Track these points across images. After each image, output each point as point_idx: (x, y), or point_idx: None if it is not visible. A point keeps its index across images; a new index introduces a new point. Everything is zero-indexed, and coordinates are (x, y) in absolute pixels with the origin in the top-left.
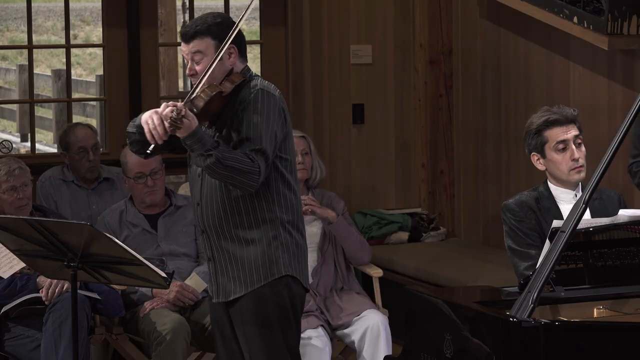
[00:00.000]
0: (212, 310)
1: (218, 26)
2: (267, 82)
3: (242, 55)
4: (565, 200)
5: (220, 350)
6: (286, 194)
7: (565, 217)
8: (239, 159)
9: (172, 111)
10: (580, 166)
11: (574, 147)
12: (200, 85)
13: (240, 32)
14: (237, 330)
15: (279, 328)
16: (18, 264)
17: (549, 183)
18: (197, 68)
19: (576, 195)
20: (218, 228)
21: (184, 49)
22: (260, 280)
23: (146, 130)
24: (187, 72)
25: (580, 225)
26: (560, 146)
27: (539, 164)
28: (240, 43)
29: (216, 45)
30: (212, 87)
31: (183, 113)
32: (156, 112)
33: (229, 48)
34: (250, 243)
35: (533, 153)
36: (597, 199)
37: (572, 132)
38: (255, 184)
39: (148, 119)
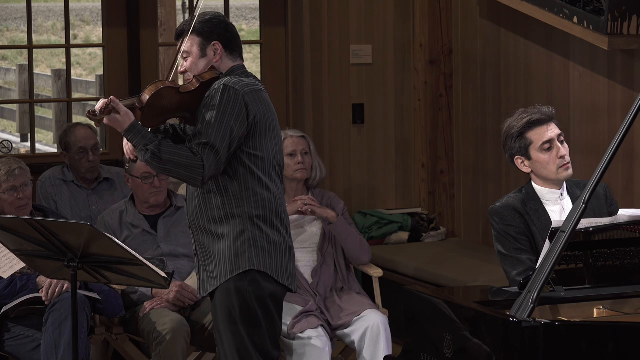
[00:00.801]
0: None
1: (205, 23)
2: (240, 78)
3: (232, 53)
4: (551, 200)
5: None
6: (256, 190)
7: (552, 218)
8: (179, 153)
9: (103, 104)
10: (568, 163)
11: (559, 144)
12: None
13: (231, 31)
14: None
15: (243, 324)
16: (18, 264)
17: (533, 184)
18: (185, 64)
19: (562, 195)
20: (196, 223)
21: (177, 47)
22: (227, 274)
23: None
24: (179, 69)
25: (580, 225)
26: (546, 146)
27: (523, 166)
28: (228, 40)
29: (200, 42)
30: (159, 82)
31: (103, 106)
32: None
33: (213, 44)
34: (220, 237)
35: (517, 157)
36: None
37: (555, 129)
38: (199, 177)
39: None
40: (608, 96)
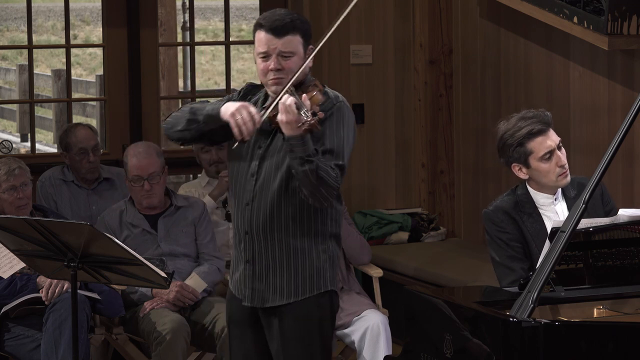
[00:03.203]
0: (232, 310)
1: (304, 24)
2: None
3: None
4: (545, 204)
5: (235, 350)
6: (337, 206)
7: (546, 223)
8: (329, 172)
9: (295, 106)
10: (566, 171)
11: (558, 153)
12: (289, 85)
13: None
14: (272, 337)
15: (319, 339)
16: (18, 264)
17: (528, 187)
18: (286, 64)
19: (556, 199)
20: (268, 233)
21: (271, 42)
22: (306, 292)
23: (233, 124)
24: (271, 66)
25: (580, 225)
26: (547, 156)
27: (521, 173)
28: None
29: (303, 43)
30: (321, 91)
31: (320, 117)
32: (244, 107)
33: (310, 47)
34: (300, 252)
35: (514, 164)
36: (575, 195)
37: (554, 137)
38: (332, 199)
39: (236, 112)
40: (608, 96)
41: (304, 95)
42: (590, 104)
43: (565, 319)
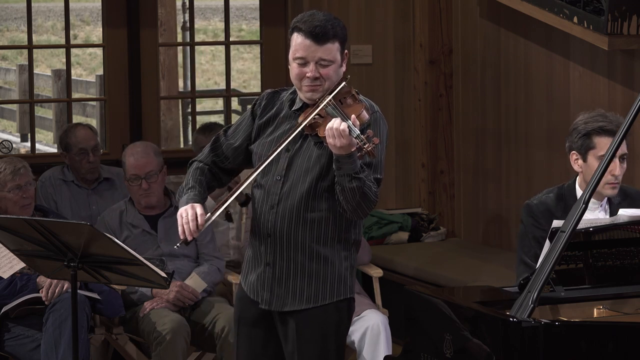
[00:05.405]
0: (242, 309)
1: (342, 30)
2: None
3: None
4: (590, 209)
5: (243, 349)
6: None
7: (585, 224)
8: (371, 187)
9: (345, 130)
10: (617, 182)
11: (617, 162)
12: (330, 98)
13: None
14: (287, 338)
15: (334, 342)
16: (18, 264)
17: (577, 185)
18: (324, 72)
19: (601, 206)
20: (292, 237)
21: (310, 48)
22: (326, 299)
23: (179, 223)
24: (309, 73)
25: (580, 225)
26: None
27: (576, 165)
28: None
29: (340, 50)
30: (363, 106)
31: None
32: (192, 207)
33: (345, 53)
34: (323, 259)
35: (574, 152)
36: (619, 202)
37: (622, 147)
38: (369, 213)
39: (183, 211)
40: (608, 96)
41: (352, 116)
42: (590, 104)
43: (565, 319)
